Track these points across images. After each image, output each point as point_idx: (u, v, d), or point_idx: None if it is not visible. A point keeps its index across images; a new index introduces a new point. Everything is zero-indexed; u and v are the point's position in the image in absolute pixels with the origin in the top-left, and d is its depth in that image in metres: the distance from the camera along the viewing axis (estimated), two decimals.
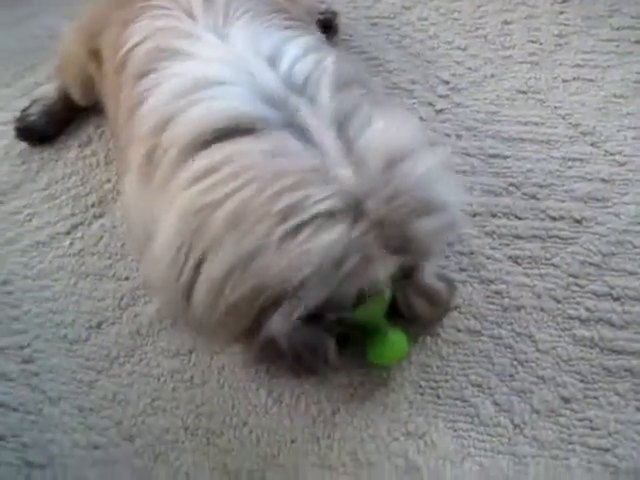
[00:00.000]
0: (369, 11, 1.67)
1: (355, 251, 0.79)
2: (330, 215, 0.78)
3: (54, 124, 1.49)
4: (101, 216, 1.34)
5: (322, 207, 0.78)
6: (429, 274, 1.11)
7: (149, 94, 0.94)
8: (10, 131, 1.50)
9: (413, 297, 1.09)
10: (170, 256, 0.84)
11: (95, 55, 1.20)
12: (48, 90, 1.52)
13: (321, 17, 1.56)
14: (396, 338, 1.05)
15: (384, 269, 0.83)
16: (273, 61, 0.88)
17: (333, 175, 0.79)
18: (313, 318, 0.88)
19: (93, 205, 1.36)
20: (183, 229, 0.83)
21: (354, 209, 0.79)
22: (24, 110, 1.50)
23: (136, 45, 1.02)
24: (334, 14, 1.61)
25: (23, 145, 1.49)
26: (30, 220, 1.37)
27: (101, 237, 1.31)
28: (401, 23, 1.64)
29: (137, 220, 0.97)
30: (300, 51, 0.90)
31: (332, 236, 0.78)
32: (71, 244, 1.32)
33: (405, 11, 1.66)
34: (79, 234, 1.33)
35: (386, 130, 0.83)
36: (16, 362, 1.18)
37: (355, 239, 0.79)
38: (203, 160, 0.83)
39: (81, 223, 1.34)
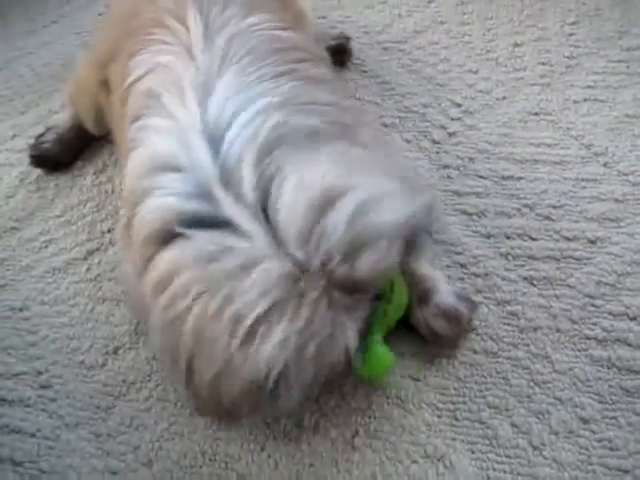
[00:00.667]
0: (380, 36, 1.69)
1: (315, 329, 0.79)
2: (276, 306, 0.78)
3: (68, 151, 1.50)
4: (117, 242, 1.35)
5: (265, 302, 0.78)
6: (447, 294, 1.12)
7: (133, 148, 0.96)
8: (25, 158, 1.51)
9: (433, 319, 1.10)
10: (164, 356, 0.89)
11: (105, 85, 1.22)
12: (62, 118, 1.54)
13: (334, 43, 1.57)
14: (382, 350, 1.04)
15: (351, 329, 0.83)
16: (220, 139, 0.87)
17: (267, 264, 0.79)
18: None
19: (109, 231, 1.37)
20: (164, 337, 0.85)
21: (297, 289, 0.78)
22: (38, 137, 1.52)
23: (138, 79, 1.03)
24: (347, 39, 1.63)
25: (38, 172, 1.50)
26: (46, 246, 1.38)
27: (117, 262, 1.32)
28: (412, 47, 1.65)
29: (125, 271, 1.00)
30: (244, 121, 0.88)
31: (285, 327, 0.77)
32: (88, 270, 1.32)
33: (416, 35, 1.68)
34: (95, 260, 1.34)
35: (297, 194, 0.80)
36: (33, 388, 1.19)
37: (309, 318, 0.78)
38: (156, 268, 0.85)
39: (97, 249, 1.35)
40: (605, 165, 1.37)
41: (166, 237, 0.84)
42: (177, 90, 0.94)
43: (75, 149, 1.51)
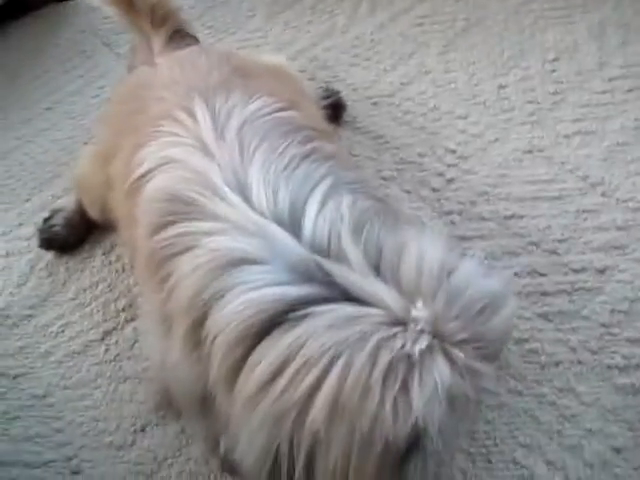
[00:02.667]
0: (369, 91, 1.73)
1: (466, 370, 0.78)
2: (429, 350, 0.76)
3: (77, 233, 1.52)
4: (132, 319, 1.36)
5: (415, 350, 0.75)
6: None
7: (173, 257, 0.93)
8: (33, 245, 1.53)
9: None
10: (267, 467, 0.81)
11: (108, 183, 1.22)
12: (68, 201, 1.56)
13: (327, 101, 1.60)
14: None
15: (490, 376, 0.82)
16: (295, 225, 0.87)
17: (402, 317, 0.77)
18: None
19: (123, 309, 1.38)
20: (275, 437, 0.79)
21: (440, 338, 0.77)
22: (47, 220, 1.54)
23: (148, 174, 1.02)
24: (337, 93, 1.66)
25: (48, 257, 1.51)
26: (63, 331, 1.38)
27: (135, 340, 1.33)
28: (401, 99, 1.69)
29: (182, 385, 0.97)
30: (318, 205, 0.88)
31: (443, 370, 0.76)
32: (106, 350, 1.33)
33: (404, 87, 1.71)
34: (113, 340, 1.34)
35: (420, 254, 0.81)
36: (64, 475, 1.18)
37: (461, 361, 0.77)
38: (265, 359, 0.80)
39: (114, 328, 1.36)
40: (603, 194, 1.40)
41: (267, 328, 0.80)
42: (211, 191, 0.93)
43: (83, 230, 1.53)
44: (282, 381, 0.78)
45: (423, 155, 1.55)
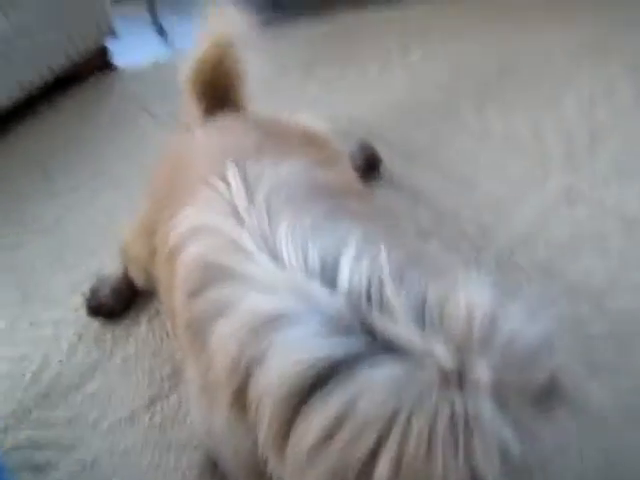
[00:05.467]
0: (405, 146, 1.72)
1: (526, 435, 0.77)
2: (484, 416, 0.74)
3: (123, 300, 1.55)
4: (177, 386, 1.37)
5: (475, 412, 0.74)
6: None
7: (208, 324, 0.93)
8: (81, 317, 1.56)
9: None
10: None
11: (154, 253, 1.24)
12: (114, 269, 1.58)
13: (363, 156, 1.62)
14: None
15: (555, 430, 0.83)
16: (329, 278, 0.86)
17: (456, 373, 0.75)
18: None
19: (168, 377, 1.40)
20: None
21: (498, 397, 0.75)
22: (94, 289, 1.57)
23: (184, 240, 1.04)
24: (371, 147, 1.66)
25: (94, 326, 1.54)
26: (110, 399, 1.40)
27: (179, 407, 1.34)
28: (437, 152, 1.69)
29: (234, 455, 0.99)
30: (353, 258, 0.88)
31: (505, 432, 0.75)
32: (151, 418, 1.34)
33: (440, 140, 1.72)
34: (158, 407, 1.36)
35: (467, 304, 0.79)
36: None
37: (521, 425, 0.76)
38: (317, 418, 0.79)
39: (159, 396, 1.37)
40: None
41: (313, 386, 0.79)
42: (241, 255, 0.95)
43: (129, 298, 1.56)
44: (341, 438, 0.77)
45: (460, 207, 1.54)
